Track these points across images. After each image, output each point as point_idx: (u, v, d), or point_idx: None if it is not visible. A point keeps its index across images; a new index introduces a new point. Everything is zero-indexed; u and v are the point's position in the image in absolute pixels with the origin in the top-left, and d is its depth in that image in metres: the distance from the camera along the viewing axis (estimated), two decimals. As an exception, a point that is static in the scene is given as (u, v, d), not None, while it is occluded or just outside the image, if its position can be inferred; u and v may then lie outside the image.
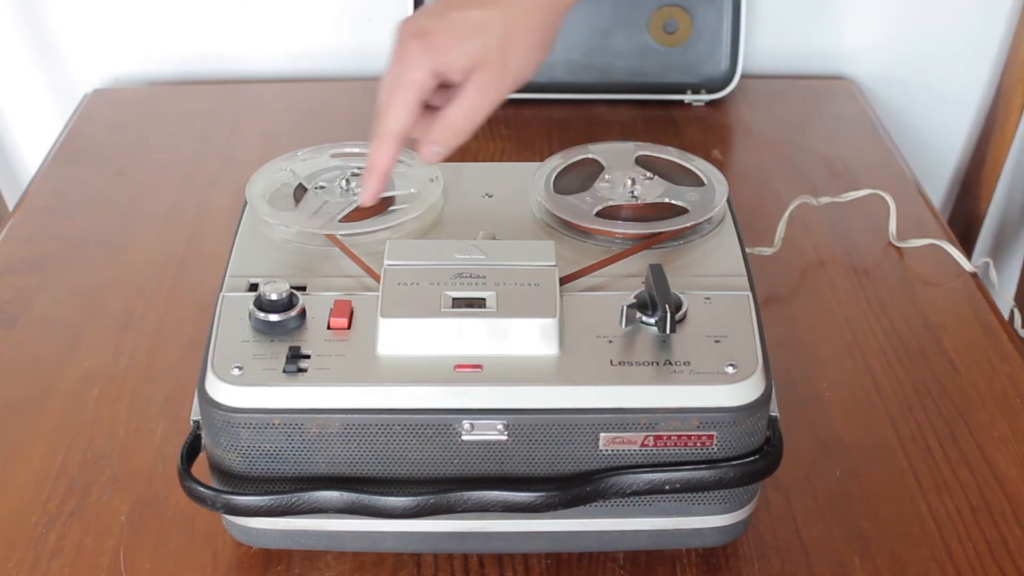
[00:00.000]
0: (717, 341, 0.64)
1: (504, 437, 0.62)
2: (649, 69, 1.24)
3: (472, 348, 0.63)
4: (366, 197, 0.64)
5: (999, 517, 0.73)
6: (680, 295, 0.66)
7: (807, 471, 0.76)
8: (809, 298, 0.94)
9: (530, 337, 0.63)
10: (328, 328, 0.65)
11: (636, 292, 0.66)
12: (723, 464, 0.63)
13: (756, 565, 0.69)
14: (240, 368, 0.62)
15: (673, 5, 1.22)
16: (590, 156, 0.81)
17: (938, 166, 1.41)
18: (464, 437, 0.62)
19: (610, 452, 0.63)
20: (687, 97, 1.24)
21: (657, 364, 0.62)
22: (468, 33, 0.61)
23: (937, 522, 0.72)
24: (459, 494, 0.62)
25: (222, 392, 0.62)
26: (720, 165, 0.88)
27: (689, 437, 0.62)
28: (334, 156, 0.81)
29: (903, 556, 0.70)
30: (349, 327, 0.65)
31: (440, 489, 0.62)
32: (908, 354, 0.87)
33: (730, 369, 0.62)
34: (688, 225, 0.74)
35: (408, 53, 0.62)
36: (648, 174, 0.78)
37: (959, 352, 0.87)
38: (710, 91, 1.24)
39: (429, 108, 0.66)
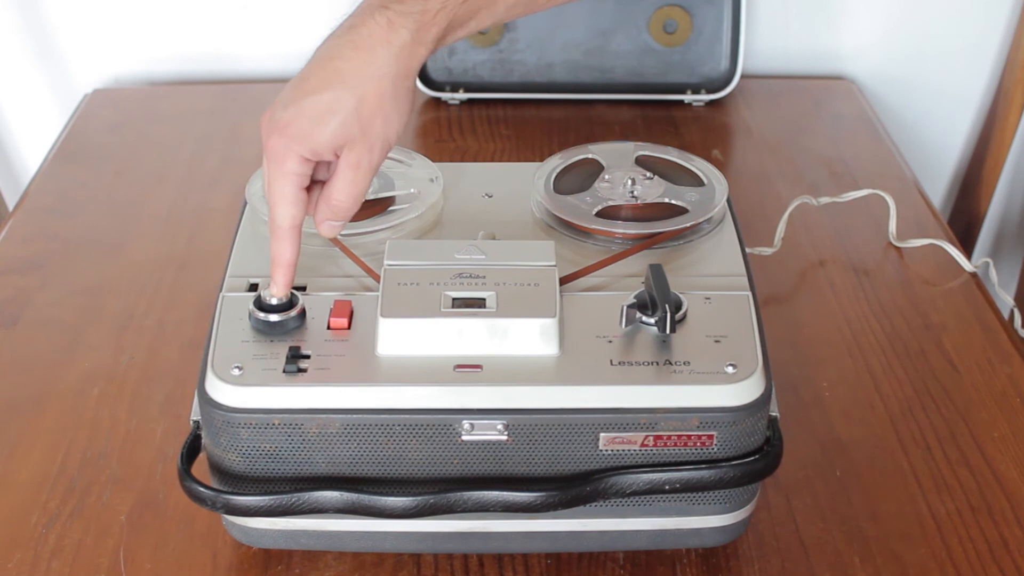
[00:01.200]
0: (717, 341, 0.64)
1: (504, 437, 0.62)
2: (649, 69, 1.24)
3: (472, 348, 0.63)
4: (277, 291, 0.65)
5: (999, 517, 0.73)
6: (680, 295, 0.66)
7: (807, 471, 0.76)
8: (809, 298, 0.93)
9: (530, 337, 0.63)
10: (328, 328, 0.65)
11: (636, 292, 0.66)
12: (723, 464, 0.63)
13: (756, 565, 0.69)
14: (240, 368, 0.62)
15: (673, 5, 1.22)
16: (590, 156, 0.81)
17: (938, 166, 1.41)
18: (464, 437, 0.62)
19: (610, 452, 0.62)
20: (687, 97, 1.24)
21: (657, 364, 0.62)
22: (322, 117, 0.63)
23: (937, 522, 0.72)
24: (459, 494, 0.62)
25: (222, 392, 0.62)
26: (720, 165, 0.88)
27: (689, 437, 0.62)
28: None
29: (903, 556, 0.70)
30: (349, 327, 0.65)
31: (440, 489, 0.62)
32: (908, 354, 0.87)
33: (730, 369, 0.62)
34: (688, 225, 0.74)
35: (274, 148, 0.63)
36: (648, 174, 0.78)
37: (959, 352, 0.87)
38: (710, 91, 1.24)
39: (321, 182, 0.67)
